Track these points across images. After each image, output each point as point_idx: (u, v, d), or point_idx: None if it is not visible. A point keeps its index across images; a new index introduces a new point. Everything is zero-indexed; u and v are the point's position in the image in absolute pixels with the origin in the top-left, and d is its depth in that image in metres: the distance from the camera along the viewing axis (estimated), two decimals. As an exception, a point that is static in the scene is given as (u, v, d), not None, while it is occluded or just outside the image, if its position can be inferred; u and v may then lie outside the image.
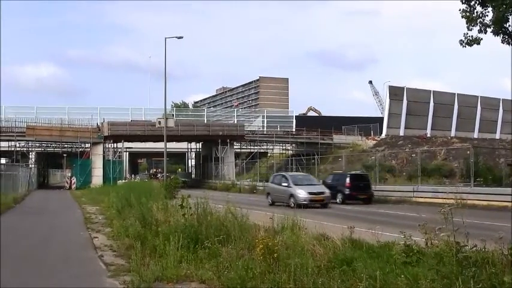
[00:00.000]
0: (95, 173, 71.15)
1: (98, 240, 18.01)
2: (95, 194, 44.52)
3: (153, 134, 70.01)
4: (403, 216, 26.93)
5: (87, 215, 28.43)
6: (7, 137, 69.42)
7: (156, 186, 39.08)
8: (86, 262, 14.29)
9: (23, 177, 53.39)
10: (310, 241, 12.81)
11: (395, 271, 9.85)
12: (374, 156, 57.47)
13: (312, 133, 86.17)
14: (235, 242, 13.41)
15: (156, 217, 18.14)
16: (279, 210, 21.76)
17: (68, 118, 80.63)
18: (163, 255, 12.91)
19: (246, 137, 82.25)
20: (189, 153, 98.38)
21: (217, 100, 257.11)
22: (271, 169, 72.43)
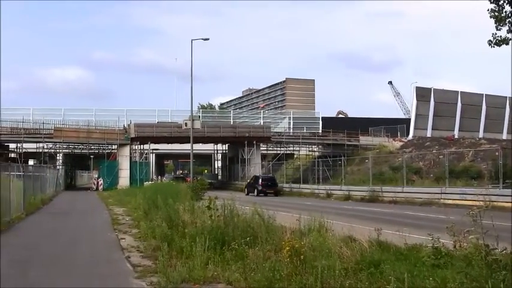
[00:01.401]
0: (121, 175, 71.42)
1: (124, 241, 18.05)
2: (122, 196, 44.67)
3: (179, 136, 70.12)
4: (430, 218, 26.71)
5: (114, 216, 28.52)
6: (35, 138, 69.89)
7: (182, 187, 39.14)
8: (113, 263, 14.33)
9: (51, 178, 53.63)
10: (337, 243, 12.75)
11: (424, 274, 9.77)
12: (401, 158, 57.22)
13: (339, 134, 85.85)
14: (262, 243, 13.36)
15: (182, 218, 18.15)
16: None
17: (95, 120, 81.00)
18: (190, 256, 12.90)
19: (272, 139, 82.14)
20: (215, 154, 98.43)
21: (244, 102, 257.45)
22: (298, 171, 72.35)
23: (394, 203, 40.30)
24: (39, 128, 71.21)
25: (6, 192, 24.84)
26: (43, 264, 14.24)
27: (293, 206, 35.89)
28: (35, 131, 71.18)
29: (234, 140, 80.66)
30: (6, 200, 24.57)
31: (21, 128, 70.00)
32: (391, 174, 56.24)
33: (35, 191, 36.85)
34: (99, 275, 12.80)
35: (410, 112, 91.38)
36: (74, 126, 73.95)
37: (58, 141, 73.60)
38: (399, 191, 43.02)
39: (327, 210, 25.64)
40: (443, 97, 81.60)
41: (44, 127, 71.03)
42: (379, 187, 45.41)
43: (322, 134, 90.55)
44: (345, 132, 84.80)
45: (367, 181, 51.02)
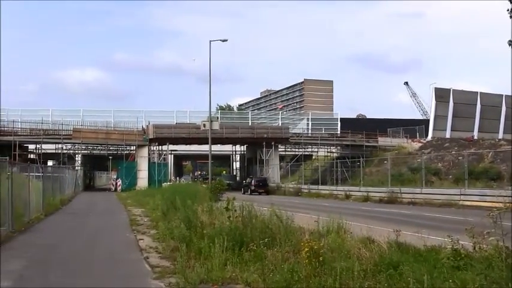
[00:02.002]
0: (140, 175, 71.65)
1: (143, 242, 18.08)
2: (140, 196, 44.78)
3: (197, 137, 70.21)
4: (449, 219, 26.60)
5: (133, 217, 28.60)
6: (54, 139, 70.26)
7: (200, 188, 39.17)
8: (132, 264, 14.35)
9: (70, 179, 53.88)
10: (356, 244, 12.72)
11: (443, 275, 9.71)
12: (420, 159, 57.01)
13: (357, 135, 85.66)
14: (280, 244, 13.35)
15: (201, 219, 18.16)
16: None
17: (113, 121, 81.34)
18: (208, 257, 12.88)
19: (291, 140, 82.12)
20: (233, 155, 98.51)
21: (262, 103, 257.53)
22: (316, 172, 72.26)
23: (413, 204, 40.13)
24: (58, 129, 71.66)
25: (25, 192, 24.98)
26: (62, 264, 14.29)
27: (311, 207, 35.84)
28: (54, 132, 71.63)
29: (252, 141, 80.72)
30: (26, 201, 24.71)
31: (40, 129, 70.38)
32: (410, 176, 56.06)
33: (54, 191, 37.01)
34: (118, 275, 12.83)
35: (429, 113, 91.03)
36: (93, 127, 74.31)
37: (77, 142, 73.97)
38: (418, 192, 42.83)
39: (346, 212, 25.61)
40: (463, 98, 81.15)
41: (63, 128, 71.43)
42: (398, 188, 45.23)
43: (340, 135, 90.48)
44: (363, 133, 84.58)
45: (385, 182, 50.87)
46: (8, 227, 19.83)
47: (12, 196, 20.26)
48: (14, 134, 67.30)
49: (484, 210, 11.49)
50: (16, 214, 21.49)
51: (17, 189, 22.08)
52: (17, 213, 21.71)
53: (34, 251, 16.43)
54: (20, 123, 73.12)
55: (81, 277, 12.60)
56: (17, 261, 14.47)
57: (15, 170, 22.54)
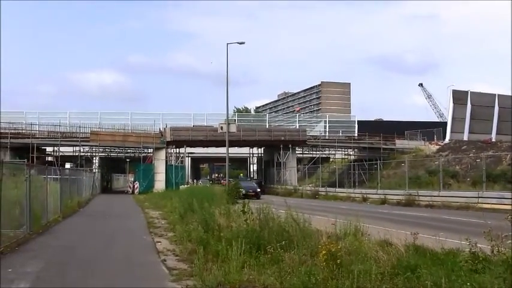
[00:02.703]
0: (157, 178, 71.75)
1: (160, 245, 18.11)
2: (158, 199, 44.84)
3: (215, 139, 70.34)
4: (467, 222, 26.45)
5: (150, 220, 28.64)
6: (72, 142, 70.57)
7: (218, 191, 39.21)
8: (149, 266, 14.37)
9: (87, 181, 54.03)
10: (373, 247, 12.68)
11: (461, 279, 9.66)
12: (437, 162, 56.79)
13: (375, 138, 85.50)
14: (297, 247, 13.30)
15: (218, 222, 18.16)
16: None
17: (131, 123, 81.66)
18: (225, 260, 12.86)
19: (308, 142, 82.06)
20: (250, 158, 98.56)
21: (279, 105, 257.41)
22: (333, 174, 72.16)
23: (431, 207, 39.98)
24: (75, 132, 72.05)
25: (43, 195, 25.07)
26: (80, 266, 14.33)
27: (329, 209, 35.76)
28: (72, 134, 72.07)
29: (270, 143, 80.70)
30: (43, 203, 24.80)
31: (58, 132, 70.81)
32: (428, 178, 55.90)
33: (72, 194, 37.15)
34: (135, 278, 12.86)
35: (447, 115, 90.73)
36: (110, 130, 74.58)
37: (94, 145, 74.28)
38: (435, 194, 42.67)
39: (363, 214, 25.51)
40: (480, 100, 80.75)
41: (81, 131, 71.74)
42: (416, 191, 45.07)
43: (358, 137, 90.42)
44: (380, 135, 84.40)
45: (403, 185, 50.68)
46: (26, 229, 19.92)
47: (30, 198, 20.35)
48: (32, 136, 67.65)
49: (502, 213, 11.41)
50: (34, 216, 21.58)
51: (34, 191, 22.18)
52: (34, 215, 21.80)
53: (52, 253, 16.50)
54: (38, 126, 73.61)
55: (99, 279, 12.63)
56: (34, 262, 14.53)
57: (33, 172, 22.64)
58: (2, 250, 15.90)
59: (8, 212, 17.87)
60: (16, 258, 15.40)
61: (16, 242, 17.77)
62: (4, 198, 16.58)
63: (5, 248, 16.28)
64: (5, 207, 16.83)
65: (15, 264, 14.27)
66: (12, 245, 17.19)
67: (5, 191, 16.88)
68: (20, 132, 69.97)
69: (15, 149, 65.38)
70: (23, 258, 15.35)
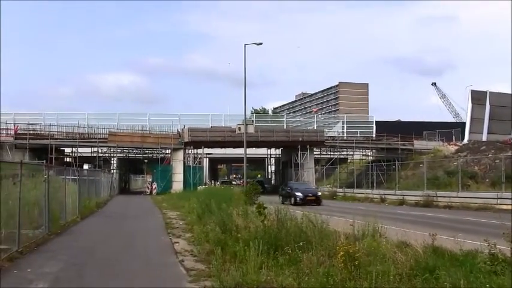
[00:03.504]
0: (175, 179, 71.91)
1: (178, 245, 18.13)
2: (176, 200, 44.91)
3: (232, 140, 70.31)
4: (486, 223, 26.29)
5: (168, 220, 28.70)
6: (90, 143, 70.85)
7: (235, 192, 39.22)
8: (167, 267, 14.39)
9: (105, 182, 54.24)
10: (391, 248, 12.64)
11: (480, 280, 9.61)
12: (456, 162, 56.51)
13: (393, 139, 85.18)
14: (315, 248, 13.28)
15: (236, 223, 18.15)
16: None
17: (149, 124, 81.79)
18: (243, 260, 12.84)
19: (326, 143, 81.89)
20: (268, 159, 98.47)
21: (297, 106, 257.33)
22: (351, 175, 72.01)
23: (449, 208, 39.84)
24: (94, 133, 72.34)
25: (61, 196, 25.19)
26: (98, 267, 14.39)
27: (346, 210, 35.66)
28: (90, 135, 72.35)
29: (288, 144, 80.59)
30: (62, 204, 24.91)
31: (76, 133, 71.16)
32: (446, 179, 55.61)
33: (90, 194, 37.31)
34: (153, 278, 12.88)
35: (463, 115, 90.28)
36: (128, 131, 74.78)
37: (112, 146, 74.50)
38: (454, 195, 42.52)
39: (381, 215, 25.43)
40: (499, 100, 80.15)
41: (99, 132, 72.02)
42: (434, 192, 44.94)
43: (376, 138, 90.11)
44: (399, 136, 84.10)
45: (421, 186, 50.55)
46: (44, 229, 20.02)
47: (49, 199, 20.44)
48: (51, 137, 68.04)
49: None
50: (53, 217, 21.69)
51: (53, 192, 22.29)
52: (53, 216, 21.91)
53: (70, 254, 16.54)
54: (57, 127, 73.87)
55: (117, 280, 12.67)
56: (53, 263, 14.60)
57: (51, 173, 22.76)
58: (21, 250, 15.99)
59: (27, 213, 17.98)
60: (35, 258, 15.48)
61: (35, 243, 17.87)
62: (23, 199, 16.67)
63: (24, 248, 16.37)
64: (24, 207, 16.92)
65: (34, 264, 14.35)
66: (31, 246, 17.29)
67: (24, 192, 16.97)
68: (39, 133, 70.35)
69: (34, 150, 65.82)
70: (42, 258, 15.43)
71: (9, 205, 16.31)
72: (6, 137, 67.85)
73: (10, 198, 16.49)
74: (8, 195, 16.49)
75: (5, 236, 15.66)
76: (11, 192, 16.65)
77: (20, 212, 16.07)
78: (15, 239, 15.84)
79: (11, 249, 15.41)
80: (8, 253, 14.95)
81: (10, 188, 16.92)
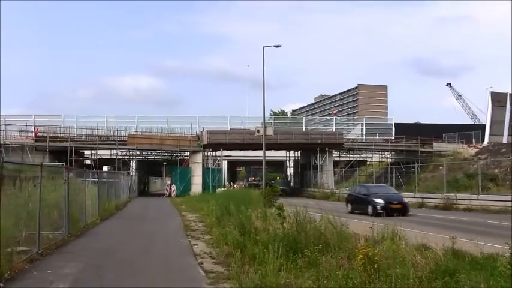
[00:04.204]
0: (194, 181, 71.97)
1: (197, 248, 18.16)
2: (195, 202, 44.93)
3: (251, 142, 70.22)
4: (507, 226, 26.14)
5: (187, 222, 28.73)
6: (109, 145, 71.11)
7: (254, 194, 39.21)
8: (186, 269, 14.42)
9: (124, 184, 54.36)
10: (411, 251, 12.60)
11: (501, 284, 9.55)
12: (476, 165, 56.22)
13: (412, 141, 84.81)
14: (334, 251, 13.26)
15: (255, 225, 18.16)
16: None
17: (167, 127, 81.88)
18: (262, 263, 12.84)
19: (345, 145, 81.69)
20: (287, 161, 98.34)
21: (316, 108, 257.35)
22: (371, 177, 71.82)
23: (469, 211, 39.60)
24: (113, 135, 72.46)
25: (81, 198, 25.29)
26: (117, 268, 14.45)
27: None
28: (109, 138, 72.48)
29: (306, 146, 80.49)
30: (82, 206, 25.02)
31: (95, 135, 71.34)
32: (466, 182, 55.34)
33: (109, 196, 37.41)
34: (172, 280, 12.91)
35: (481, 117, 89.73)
36: (147, 133, 74.94)
37: (132, 148, 74.78)
38: (474, 198, 42.25)
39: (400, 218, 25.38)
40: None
41: (118, 134, 72.24)
42: (454, 194, 44.72)
43: (395, 140, 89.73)
44: (418, 138, 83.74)
45: (441, 188, 50.28)
46: (64, 231, 20.11)
47: (69, 201, 20.53)
48: (70, 140, 68.27)
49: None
50: (72, 219, 21.78)
51: (73, 194, 22.39)
52: (73, 218, 22.01)
53: (90, 255, 16.61)
54: (76, 129, 74.15)
55: (136, 281, 12.72)
56: (73, 265, 14.67)
57: (71, 175, 22.84)
58: (41, 252, 16.07)
59: (47, 215, 18.06)
60: (55, 260, 15.57)
61: (55, 244, 17.96)
62: (43, 201, 16.76)
63: (44, 249, 16.46)
64: (44, 209, 17.00)
65: (54, 265, 14.43)
66: (51, 247, 17.38)
67: (44, 194, 17.06)
68: (59, 135, 70.59)
69: (53, 152, 66.06)
70: (62, 260, 15.51)
71: (30, 207, 16.41)
72: (27, 139, 68.20)
73: (30, 200, 16.60)
74: (28, 197, 16.60)
75: (26, 238, 15.76)
76: (31, 194, 16.76)
77: (40, 214, 16.17)
78: (35, 241, 15.94)
79: (31, 251, 15.51)
80: (28, 254, 15.04)
81: (30, 190, 17.03)
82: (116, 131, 72.70)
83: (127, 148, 74.60)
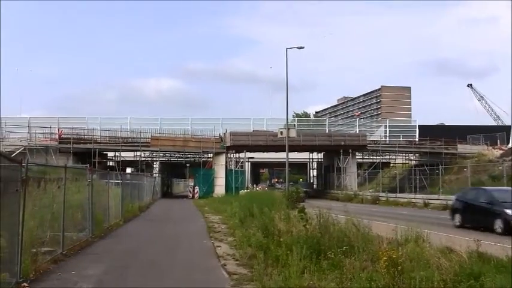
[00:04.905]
0: (217, 183, 72.04)
1: (220, 249, 18.18)
2: (217, 204, 44.97)
3: (274, 144, 70.16)
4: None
5: (210, 224, 28.76)
6: (132, 147, 71.36)
7: (277, 196, 39.19)
8: (209, 270, 14.42)
9: (148, 186, 54.49)
10: (435, 254, 12.52)
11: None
12: (501, 167, 55.83)
13: (436, 143, 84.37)
14: (358, 253, 13.20)
15: (278, 227, 18.13)
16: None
17: (190, 129, 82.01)
18: (285, 265, 12.80)
19: (368, 147, 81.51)
20: (310, 163, 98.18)
21: (339, 110, 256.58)
22: (394, 179, 71.48)
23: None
24: (136, 137, 72.74)
25: (105, 199, 25.39)
26: (141, 270, 14.47)
27: (389, 215, 35.49)
28: (133, 139, 72.80)
29: (330, 148, 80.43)
30: (105, 207, 25.12)
31: (119, 137, 71.66)
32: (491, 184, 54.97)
33: (133, 198, 37.49)
34: (196, 282, 12.93)
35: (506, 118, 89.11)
36: (171, 135, 75.06)
37: (155, 150, 75.05)
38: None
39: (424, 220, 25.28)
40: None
41: (141, 136, 72.48)
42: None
43: (418, 142, 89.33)
44: (442, 140, 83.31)
45: (465, 190, 49.98)
46: (88, 232, 20.21)
47: (92, 202, 20.64)
48: (94, 141, 68.61)
49: None
50: (96, 220, 21.88)
51: (96, 196, 22.49)
52: (96, 219, 22.10)
53: (113, 256, 16.68)
54: (100, 131, 74.51)
55: (159, 282, 12.74)
56: (97, 266, 14.71)
57: (95, 177, 22.96)
58: (66, 253, 16.16)
59: (71, 216, 18.15)
60: (79, 261, 15.63)
61: (79, 245, 18.05)
62: (67, 203, 16.85)
63: (68, 251, 16.54)
64: (68, 211, 17.10)
65: (78, 266, 14.48)
66: (75, 248, 17.46)
67: (68, 195, 17.15)
68: (82, 137, 70.98)
69: (77, 154, 66.47)
70: (86, 261, 15.57)
71: (54, 208, 16.50)
72: (51, 141, 68.63)
73: (54, 202, 16.69)
74: (52, 199, 16.68)
75: (50, 239, 15.84)
76: (56, 196, 16.85)
77: (64, 215, 16.28)
78: (59, 242, 16.04)
79: (56, 252, 15.60)
80: (52, 255, 15.13)
81: (54, 191, 17.12)
82: (139, 133, 72.95)
83: (150, 150, 74.86)
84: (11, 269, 11.28)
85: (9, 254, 11.03)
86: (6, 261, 10.76)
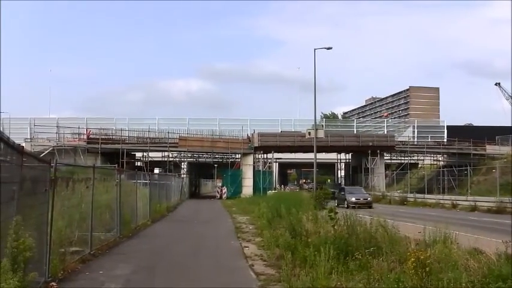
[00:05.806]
0: (245, 183, 72.07)
1: (248, 250, 18.19)
2: (245, 204, 44.98)
3: (302, 145, 70.10)
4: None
5: (238, 225, 28.80)
6: (160, 147, 71.59)
7: (305, 197, 39.13)
8: (237, 271, 14.44)
9: (175, 186, 54.61)
10: (463, 255, 12.44)
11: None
12: (530, 168, 55.37)
13: (464, 144, 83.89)
14: (386, 254, 13.14)
15: (306, 228, 18.11)
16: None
17: (218, 129, 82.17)
18: (313, 266, 12.77)
19: (396, 148, 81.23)
20: (338, 164, 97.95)
21: (367, 110, 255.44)
22: (422, 180, 71.19)
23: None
24: (164, 138, 72.94)
25: (133, 199, 25.51)
26: (168, 270, 14.53)
27: (417, 216, 35.27)
28: (160, 140, 73.03)
29: (358, 149, 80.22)
30: (133, 207, 25.23)
31: (147, 137, 71.96)
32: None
33: (160, 198, 37.61)
34: (223, 282, 12.96)
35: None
36: (198, 136, 75.26)
37: (183, 150, 75.37)
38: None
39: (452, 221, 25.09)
40: None
41: (169, 136, 72.68)
42: (507, 198, 44.04)
43: (447, 143, 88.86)
44: (470, 141, 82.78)
45: (494, 191, 49.60)
46: (116, 232, 20.32)
47: (120, 203, 20.73)
48: (122, 142, 68.90)
49: None
50: (124, 220, 21.99)
51: (124, 196, 22.59)
52: (124, 219, 22.22)
53: (141, 257, 16.74)
54: (128, 132, 74.85)
55: (187, 282, 12.80)
56: (124, 266, 14.79)
57: (123, 177, 23.07)
58: (94, 252, 16.26)
59: (99, 216, 18.27)
60: (106, 260, 15.72)
61: (107, 245, 18.15)
62: (95, 203, 16.95)
63: (96, 250, 16.65)
64: (96, 211, 17.20)
65: (106, 266, 14.57)
66: (103, 248, 17.57)
67: (96, 196, 17.24)
68: (111, 138, 71.33)
69: (105, 154, 66.80)
70: (113, 261, 15.66)
71: (82, 208, 16.61)
72: (79, 141, 69.06)
73: (83, 202, 16.80)
74: (80, 199, 16.79)
75: (78, 238, 15.94)
76: (84, 196, 16.95)
77: (92, 215, 16.37)
78: (87, 242, 16.14)
79: (84, 252, 15.70)
80: (80, 255, 15.23)
81: (83, 191, 17.23)
82: (167, 133, 73.16)
83: (178, 150, 75.18)
84: (40, 268, 11.37)
85: (38, 253, 11.10)
86: (35, 260, 10.84)
